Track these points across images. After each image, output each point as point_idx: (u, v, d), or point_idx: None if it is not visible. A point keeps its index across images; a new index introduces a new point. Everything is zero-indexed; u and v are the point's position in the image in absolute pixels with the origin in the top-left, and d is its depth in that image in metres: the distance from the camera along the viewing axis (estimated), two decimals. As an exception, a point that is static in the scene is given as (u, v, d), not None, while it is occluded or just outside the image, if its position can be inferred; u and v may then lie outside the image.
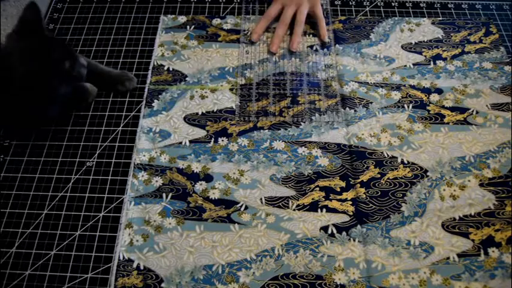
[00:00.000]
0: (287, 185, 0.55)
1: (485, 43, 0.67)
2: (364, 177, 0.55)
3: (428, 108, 0.61)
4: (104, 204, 0.54)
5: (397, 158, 0.56)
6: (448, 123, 0.59)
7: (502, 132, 0.58)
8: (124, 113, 0.61)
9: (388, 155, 0.57)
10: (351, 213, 0.52)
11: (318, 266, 0.49)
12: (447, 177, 0.55)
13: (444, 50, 0.67)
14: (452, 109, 0.61)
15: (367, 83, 0.63)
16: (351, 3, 0.73)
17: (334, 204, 0.53)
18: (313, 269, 0.49)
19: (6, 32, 0.54)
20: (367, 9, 0.73)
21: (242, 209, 0.53)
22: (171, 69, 0.65)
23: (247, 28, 0.69)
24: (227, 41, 0.68)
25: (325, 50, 0.67)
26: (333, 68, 0.65)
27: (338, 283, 0.48)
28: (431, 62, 0.65)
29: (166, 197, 0.54)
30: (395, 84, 0.63)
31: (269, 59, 0.66)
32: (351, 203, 0.53)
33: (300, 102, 0.61)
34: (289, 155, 0.57)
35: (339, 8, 0.73)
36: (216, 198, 0.54)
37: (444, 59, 0.66)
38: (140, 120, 0.60)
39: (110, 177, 0.56)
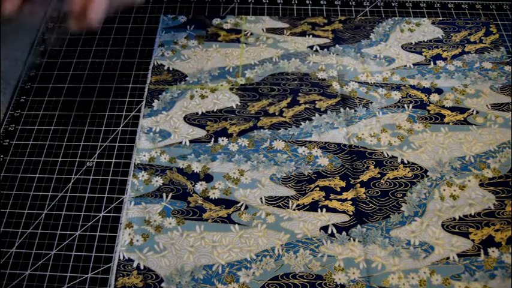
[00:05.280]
0: (287, 185, 0.55)
1: (485, 43, 0.67)
2: (364, 177, 0.55)
3: (428, 108, 0.61)
4: (104, 204, 0.54)
5: (397, 158, 0.56)
6: (448, 123, 0.59)
7: (502, 132, 0.58)
8: (124, 113, 0.61)
9: (388, 155, 0.57)
10: (351, 213, 0.52)
11: (318, 266, 0.49)
12: (447, 177, 0.55)
13: (444, 50, 0.67)
14: (452, 109, 0.61)
15: (367, 83, 0.63)
16: (350, 3, 0.73)
17: (334, 204, 0.53)
18: (313, 269, 0.49)
19: (7, 31, 0.54)
20: (367, 9, 0.73)
21: (242, 208, 0.53)
22: (171, 69, 0.65)
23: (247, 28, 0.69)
24: (227, 40, 0.68)
25: (325, 50, 0.67)
26: (333, 68, 0.65)
27: (338, 283, 0.48)
28: (432, 62, 0.65)
29: (167, 197, 0.54)
30: (395, 84, 0.63)
31: (269, 60, 0.66)
32: (351, 202, 0.53)
33: (301, 102, 0.61)
34: (289, 154, 0.57)
35: (339, 8, 0.73)
36: (216, 198, 0.54)
37: (444, 59, 0.66)
38: (140, 120, 0.60)
39: (110, 177, 0.56)
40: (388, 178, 0.55)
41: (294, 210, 0.53)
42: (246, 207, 0.53)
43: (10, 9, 0.48)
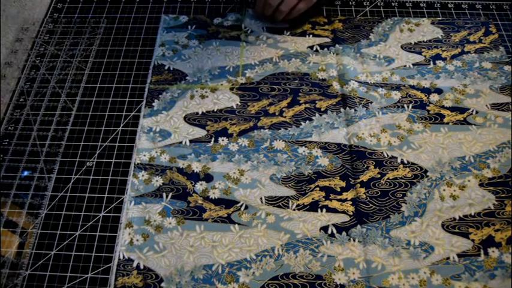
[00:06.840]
0: (287, 185, 0.55)
1: (484, 43, 0.67)
2: (364, 177, 0.55)
3: (428, 108, 0.61)
4: (104, 204, 0.54)
5: (397, 158, 0.57)
6: (447, 123, 0.59)
7: (502, 132, 0.59)
8: (124, 113, 0.61)
9: (388, 155, 0.57)
10: (351, 213, 0.52)
11: (318, 266, 0.49)
12: (447, 177, 0.55)
13: (444, 50, 0.67)
14: (452, 109, 0.61)
15: (367, 83, 0.63)
16: (351, 3, 0.73)
17: (334, 204, 0.53)
18: (313, 269, 0.49)
19: (6, 31, 0.54)
20: (367, 9, 0.73)
21: (242, 208, 0.53)
22: (171, 68, 0.65)
23: (248, 25, 0.69)
24: (227, 37, 0.68)
25: (326, 49, 0.67)
26: (333, 68, 0.65)
27: (338, 283, 0.48)
28: (431, 62, 0.65)
29: (167, 196, 0.54)
30: (395, 84, 0.63)
31: (269, 60, 0.66)
32: (351, 203, 0.53)
33: (301, 102, 0.61)
34: (289, 154, 0.57)
35: (339, 8, 0.73)
36: (216, 197, 0.54)
37: (444, 59, 0.66)
38: (140, 120, 0.60)
39: (110, 177, 0.56)
40: (388, 178, 0.55)
41: (294, 210, 0.53)
42: (246, 207, 0.53)
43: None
